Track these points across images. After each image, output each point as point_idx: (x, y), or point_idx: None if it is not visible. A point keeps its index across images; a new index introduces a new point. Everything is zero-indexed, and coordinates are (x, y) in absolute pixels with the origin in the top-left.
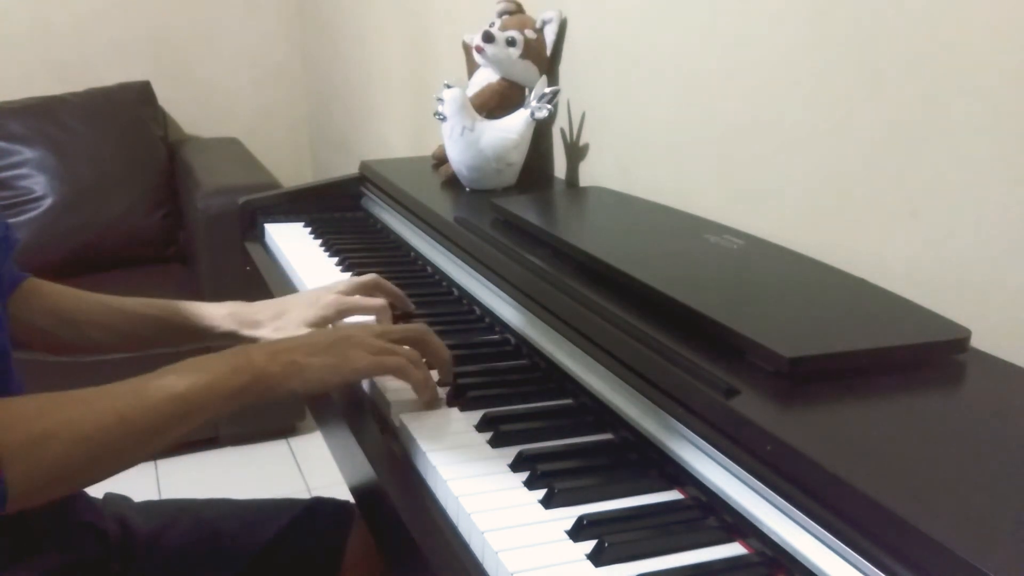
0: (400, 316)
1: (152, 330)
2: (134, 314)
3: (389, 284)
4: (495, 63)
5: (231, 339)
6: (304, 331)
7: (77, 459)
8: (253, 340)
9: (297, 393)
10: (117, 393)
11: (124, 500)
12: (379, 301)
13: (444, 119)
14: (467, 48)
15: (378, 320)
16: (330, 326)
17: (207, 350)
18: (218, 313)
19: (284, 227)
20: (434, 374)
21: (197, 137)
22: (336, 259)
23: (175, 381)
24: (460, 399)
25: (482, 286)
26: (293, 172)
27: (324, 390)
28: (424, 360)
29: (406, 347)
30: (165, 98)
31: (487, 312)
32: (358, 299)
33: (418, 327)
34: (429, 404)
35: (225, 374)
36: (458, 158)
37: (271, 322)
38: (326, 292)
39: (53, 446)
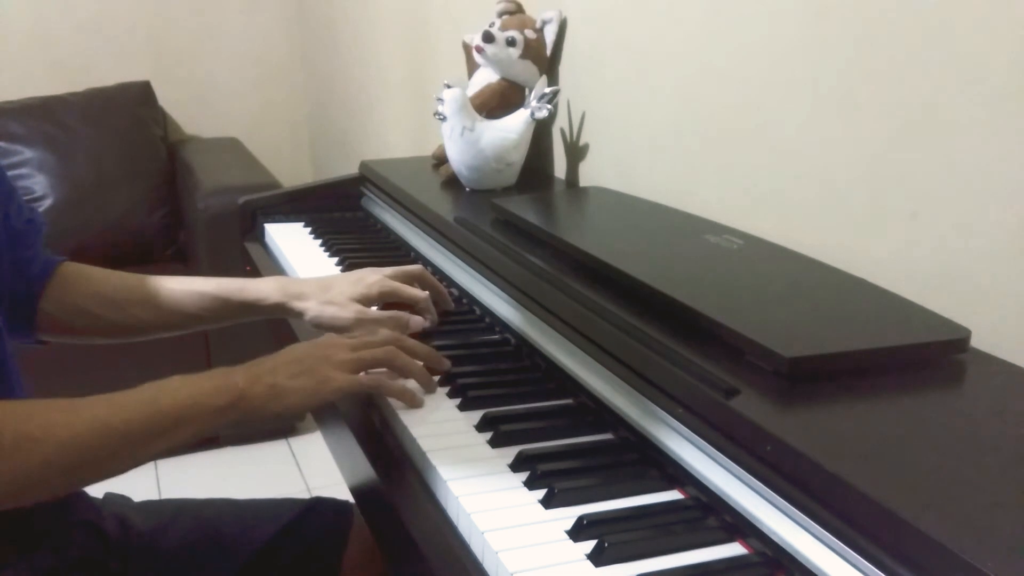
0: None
1: (198, 306)
2: (179, 291)
3: (432, 278)
4: (495, 63)
5: (279, 311)
6: (351, 307)
7: (59, 464)
8: (300, 313)
9: (279, 416)
10: (102, 403)
11: (124, 499)
12: (422, 292)
13: (444, 119)
14: (467, 48)
15: (419, 311)
16: (374, 310)
17: (205, 351)
18: (265, 286)
19: (284, 227)
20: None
21: (197, 137)
22: (336, 259)
23: (159, 396)
24: (460, 399)
25: (482, 286)
26: (293, 172)
27: (305, 412)
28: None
29: (385, 348)
30: (165, 98)
31: (487, 312)
32: (401, 286)
33: (389, 336)
34: (426, 386)
35: (208, 393)
36: (458, 158)
37: (318, 295)
38: (371, 272)
39: (36, 450)
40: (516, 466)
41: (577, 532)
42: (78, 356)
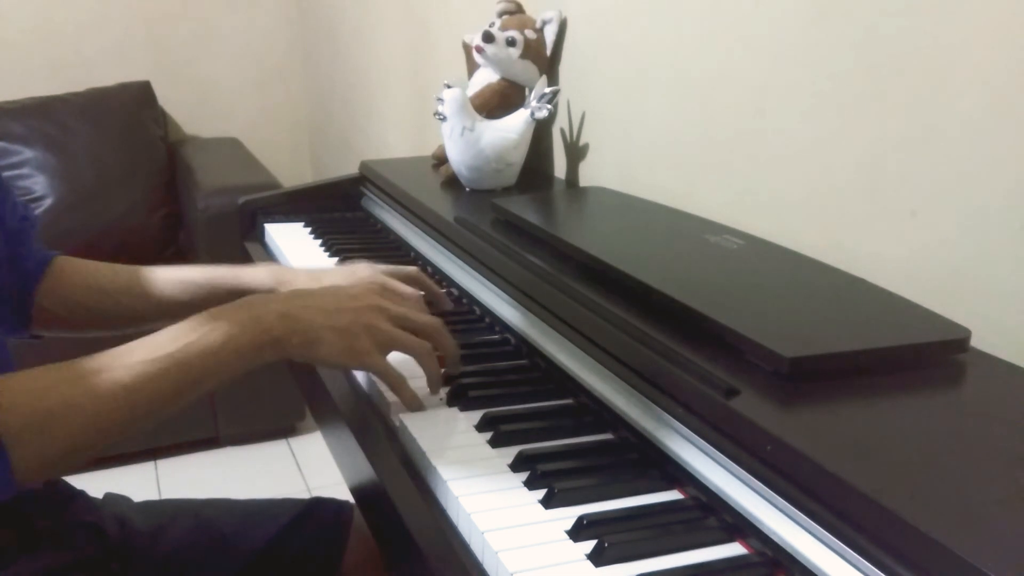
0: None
1: (191, 295)
2: (172, 280)
3: (428, 280)
4: (495, 63)
5: None
6: None
7: (82, 437)
8: None
9: (304, 360)
10: (123, 364)
11: (124, 500)
12: (413, 290)
13: (444, 119)
14: (467, 48)
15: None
16: (356, 275)
17: None
18: (258, 273)
19: (284, 227)
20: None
21: (197, 137)
22: (336, 259)
23: (184, 347)
24: (460, 399)
25: (482, 286)
26: (293, 172)
27: (330, 367)
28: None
29: (422, 343)
30: (165, 98)
31: (487, 312)
32: (393, 281)
33: (435, 321)
34: (433, 390)
35: (236, 337)
36: (458, 158)
37: (309, 285)
38: (365, 267)
39: (58, 426)
40: (516, 466)
41: (577, 532)
42: (76, 350)
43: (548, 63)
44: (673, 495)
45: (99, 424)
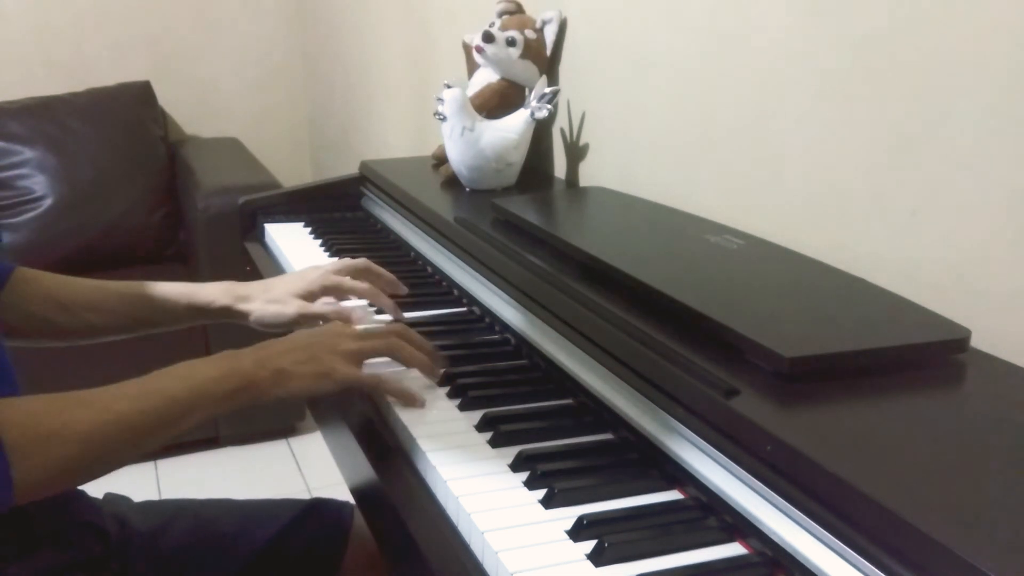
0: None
1: (148, 310)
2: (129, 295)
3: (379, 268)
4: (495, 63)
5: (226, 314)
6: (293, 303)
7: (78, 458)
8: (246, 314)
9: (284, 400)
10: (116, 395)
11: (124, 500)
12: (363, 285)
13: (444, 119)
14: (467, 48)
15: (370, 302)
16: (317, 304)
17: (204, 345)
18: (213, 290)
19: (284, 227)
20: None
21: (197, 137)
22: (336, 259)
23: (169, 385)
24: (460, 399)
25: (482, 286)
26: (293, 172)
27: (309, 398)
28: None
29: (389, 340)
30: (165, 98)
31: (487, 312)
32: (343, 279)
33: (398, 327)
34: (430, 376)
35: (216, 379)
36: (458, 158)
37: (261, 295)
38: (313, 269)
39: (56, 445)
40: (516, 466)
41: (577, 532)
42: (74, 353)
43: (548, 63)
44: (673, 495)
45: (93, 448)
